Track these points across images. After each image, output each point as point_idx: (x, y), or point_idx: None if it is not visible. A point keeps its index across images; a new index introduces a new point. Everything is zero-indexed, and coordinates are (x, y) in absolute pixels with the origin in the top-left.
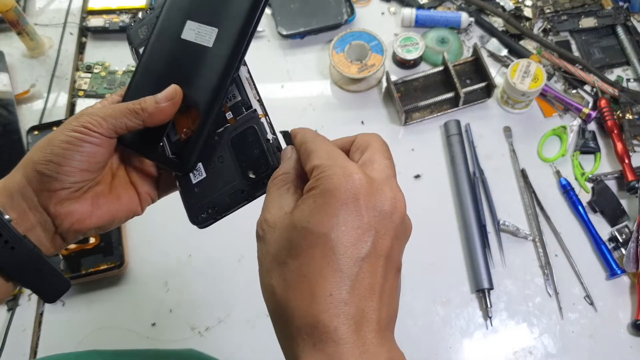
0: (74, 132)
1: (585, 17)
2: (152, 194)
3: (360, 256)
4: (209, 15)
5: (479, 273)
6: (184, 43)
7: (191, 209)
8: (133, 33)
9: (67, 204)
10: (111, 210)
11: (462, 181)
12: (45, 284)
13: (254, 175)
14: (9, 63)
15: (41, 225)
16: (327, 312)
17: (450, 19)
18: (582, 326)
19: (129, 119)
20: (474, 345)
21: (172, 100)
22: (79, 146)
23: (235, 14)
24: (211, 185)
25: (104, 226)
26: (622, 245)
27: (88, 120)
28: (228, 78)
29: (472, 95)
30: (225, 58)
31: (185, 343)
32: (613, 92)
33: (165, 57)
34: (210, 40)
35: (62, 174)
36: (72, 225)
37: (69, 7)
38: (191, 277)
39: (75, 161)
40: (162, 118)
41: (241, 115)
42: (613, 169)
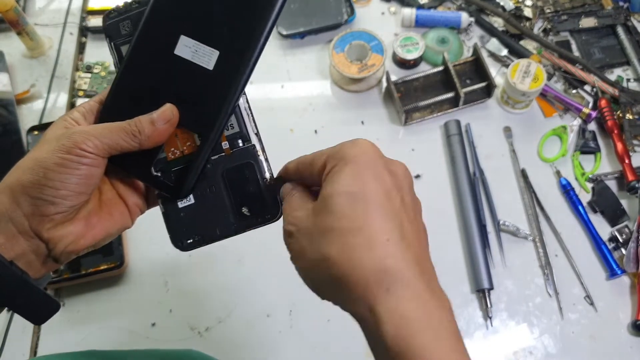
0: (68, 153)
1: (586, 17)
2: (140, 206)
3: (396, 208)
4: (209, 33)
5: (479, 273)
6: (179, 60)
7: (175, 233)
8: (113, 26)
9: (61, 227)
10: (104, 227)
11: (462, 181)
12: (33, 308)
13: (248, 212)
14: (9, 63)
15: (32, 250)
16: (391, 256)
17: (451, 19)
18: (582, 326)
19: (124, 140)
20: (474, 346)
21: (170, 121)
22: (75, 169)
23: (241, 37)
24: (199, 213)
25: (98, 244)
26: (622, 245)
27: (82, 140)
28: (232, 104)
29: (472, 95)
30: (230, 83)
31: (185, 343)
32: (613, 92)
33: (156, 70)
34: (209, 62)
35: (59, 197)
36: (67, 247)
37: (69, 7)
38: (191, 277)
39: (72, 184)
40: (159, 140)
41: (238, 148)
42: (613, 169)
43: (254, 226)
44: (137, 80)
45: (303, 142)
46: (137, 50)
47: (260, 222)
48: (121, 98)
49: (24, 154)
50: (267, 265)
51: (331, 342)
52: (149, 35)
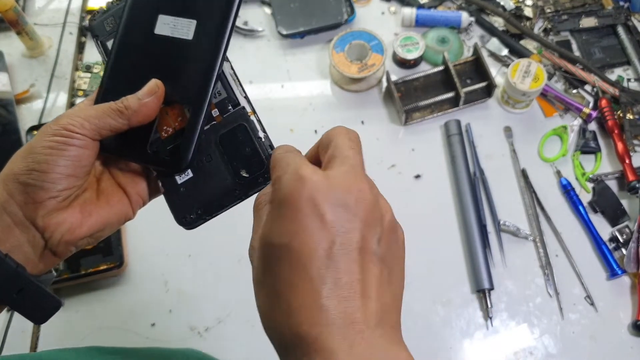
0: (55, 136)
1: (586, 16)
2: (142, 195)
3: (328, 257)
4: (183, 6)
5: (480, 273)
6: (159, 38)
7: (177, 210)
8: (98, 25)
9: (56, 214)
10: (102, 216)
11: (462, 181)
12: (31, 304)
13: (247, 174)
14: (9, 63)
15: (29, 242)
16: (305, 323)
17: (451, 19)
18: (582, 326)
19: (112, 118)
20: (475, 346)
21: (155, 94)
22: (63, 150)
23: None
24: (199, 185)
25: (96, 234)
26: (623, 245)
27: (69, 122)
28: (216, 69)
29: (472, 95)
30: (211, 48)
31: (184, 343)
32: (614, 92)
33: (139, 54)
34: (189, 32)
35: (48, 181)
36: (63, 237)
37: (69, 7)
38: (191, 277)
39: (61, 167)
40: (148, 114)
41: (229, 113)
42: (614, 169)
43: (255, 187)
44: (125, 67)
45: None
46: (121, 40)
47: (261, 181)
48: (112, 87)
49: None
50: None
51: None
52: (131, 23)
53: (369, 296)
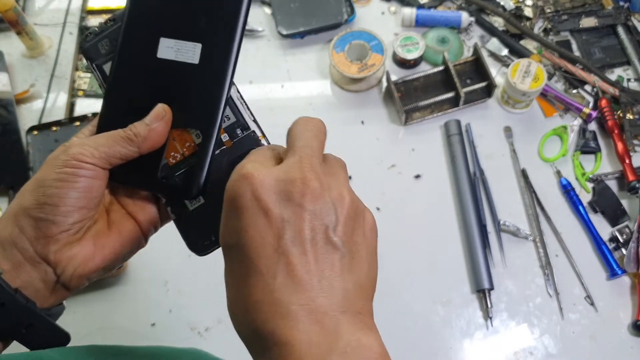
0: (65, 167)
1: (586, 16)
2: (154, 222)
3: (277, 251)
4: (187, 29)
5: (480, 273)
6: (163, 62)
7: (190, 237)
8: (91, 47)
9: (68, 248)
10: (115, 247)
11: (462, 181)
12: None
13: None
14: (9, 63)
15: (40, 277)
16: (259, 319)
17: (451, 19)
18: (582, 326)
19: (122, 146)
20: (475, 346)
21: (163, 118)
22: (73, 182)
23: (219, 24)
24: (211, 211)
25: (110, 266)
26: (623, 245)
27: (79, 151)
28: (225, 93)
29: (472, 95)
30: (220, 72)
31: (184, 343)
32: (614, 92)
33: (142, 79)
34: (194, 56)
35: (60, 215)
36: (76, 270)
37: (69, 7)
38: (191, 277)
39: (72, 199)
40: (157, 140)
41: (239, 138)
42: (614, 169)
43: None
44: (127, 92)
45: None
46: (121, 64)
47: None
48: (114, 114)
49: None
50: None
51: None
52: (129, 46)
53: (327, 285)
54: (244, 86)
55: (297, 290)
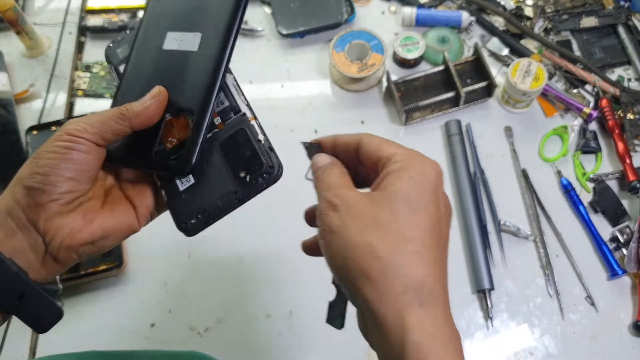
0: (58, 140)
1: (587, 16)
2: (150, 208)
3: (441, 236)
4: (190, 22)
5: (480, 273)
6: (167, 53)
7: (179, 216)
8: (112, 53)
9: (58, 218)
10: (104, 224)
11: (462, 181)
12: (32, 311)
13: (246, 174)
14: (8, 63)
15: (31, 246)
16: (432, 275)
17: (451, 18)
18: (583, 327)
19: (114, 121)
20: (475, 346)
21: (157, 97)
22: (64, 154)
23: (217, 15)
24: (201, 190)
25: (98, 242)
26: (623, 245)
27: (73, 127)
28: (220, 74)
29: (472, 94)
30: (215, 55)
31: (184, 343)
32: (614, 91)
33: (149, 69)
34: (194, 45)
35: (49, 184)
36: (63, 241)
37: (68, 7)
38: (190, 277)
39: (62, 169)
40: (150, 116)
41: (230, 119)
42: (614, 169)
43: (255, 189)
44: (135, 83)
45: None
46: (132, 60)
47: (260, 183)
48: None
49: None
50: (267, 266)
51: (331, 343)
52: (141, 44)
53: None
54: (244, 86)
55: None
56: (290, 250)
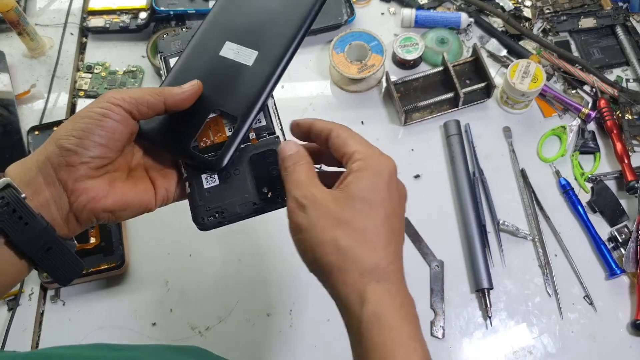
0: (96, 107)
1: (585, 17)
2: (169, 191)
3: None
4: (250, 38)
5: (479, 273)
6: (222, 59)
7: (197, 210)
8: (165, 43)
9: (85, 181)
10: (126, 196)
11: (461, 181)
12: (58, 263)
13: (268, 192)
14: (10, 63)
15: (55, 202)
16: (385, 258)
17: (450, 20)
18: (581, 326)
19: (151, 96)
20: (474, 345)
21: (193, 86)
22: (99, 120)
23: (277, 40)
24: (223, 193)
25: (117, 211)
26: (622, 245)
27: (112, 95)
28: (266, 93)
29: (471, 95)
30: (266, 75)
31: (185, 342)
32: (612, 92)
33: (201, 68)
34: (249, 60)
35: (82, 147)
36: (88, 203)
37: (70, 8)
38: (192, 276)
39: (96, 135)
40: (184, 99)
41: (264, 138)
42: (612, 169)
43: (273, 206)
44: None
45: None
46: (189, 55)
47: (279, 201)
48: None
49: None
50: (267, 265)
51: (331, 342)
52: (199, 43)
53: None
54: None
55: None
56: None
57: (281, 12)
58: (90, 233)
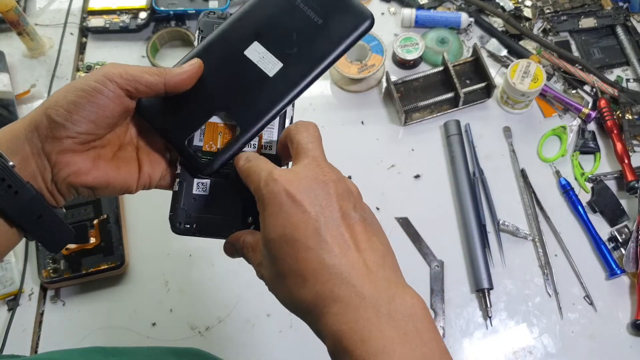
0: (91, 80)
1: (585, 17)
2: (153, 178)
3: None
4: (280, 47)
5: (479, 273)
6: (244, 59)
7: (177, 212)
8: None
9: (69, 154)
10: (108, 175)
11: (462, 181)
12: (48, 231)
13: (252, 222)
14: (10, 63)
15: (40, 173)
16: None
17: (450, 19)
18: (581, 326)
19: (150, 74)
20: (474, 345)
21: (193, 66)
22: (91, 96)
23: (306, 60)
24: (208, 206)
25: (97, 188)
26: (622, 245)
27: (109, 69)
28: (277, 110)
29: (471, 95)
30: (282, 93)
31: (185, 342)
32: (613, 92)
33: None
34: (271, 70)
35: (69, 121)
36: (68, 177)
37: (70, 8)
38: (191, 276)
39: (85, 111)
40: (184, 79)
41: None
42: (613, 169)
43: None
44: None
45: None
46: (212, 41)
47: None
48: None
49: None
50: None
51: None
52: (228, 33)
53: (364, 248)
54: None
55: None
56: None
57: (320, 30)
58: (90, 233)
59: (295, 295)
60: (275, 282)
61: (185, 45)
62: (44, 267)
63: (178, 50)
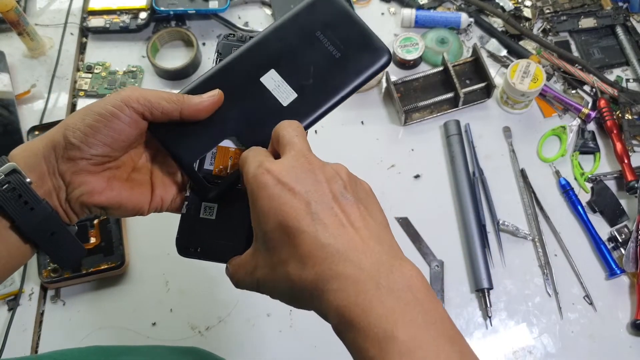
0: (109, 105)
1: (585, 17)
2: (165, 201)
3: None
4: (296, 78)
5: (479, 273)
6: (260, 86)
7: (183, 236)
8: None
9: (84, 175)
10: (121, 196)
11: (461, 181)
12: (61, 247)
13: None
14: (10, 63)
15: (55, 191)
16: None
17: (450, 20)
18: (581, 326)
19: (167, 101)
20: (474, 345)
21: (213, 97)
22: (108, 121)
23: (321, 93)
24: (213, 230)
25: (110, 209)
26: (622, 245)
27: (127, 94)
28: None
29: (471, 95)
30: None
31: (185, 342)
32: (612, 92)
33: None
34: (286, 99)
35: (85, 144)
36: (82, 196)
37: (70, 8)
38: (192, 276)
39: (102, 135)
40: (200, 109)
41: None
42: (612, 169)
43: None
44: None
45: None
46: (231, 65)
47: None
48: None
49: None
50: None
51: (331, 342)
52: (247, 57)
53: (358, 226)
54: None
55: (339, 234)
56: None
57: (338, 64)
58: (90, 233)
59: (296, 280)
60: (273, 275)
61: (185, 45)
62: (44, 267)
63: (178, 50)
